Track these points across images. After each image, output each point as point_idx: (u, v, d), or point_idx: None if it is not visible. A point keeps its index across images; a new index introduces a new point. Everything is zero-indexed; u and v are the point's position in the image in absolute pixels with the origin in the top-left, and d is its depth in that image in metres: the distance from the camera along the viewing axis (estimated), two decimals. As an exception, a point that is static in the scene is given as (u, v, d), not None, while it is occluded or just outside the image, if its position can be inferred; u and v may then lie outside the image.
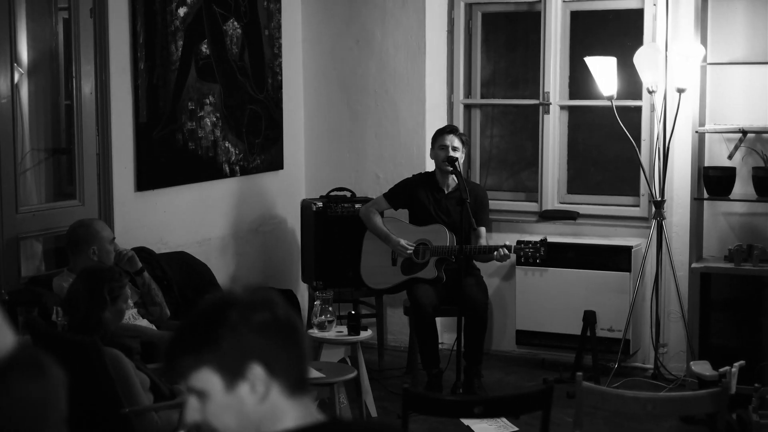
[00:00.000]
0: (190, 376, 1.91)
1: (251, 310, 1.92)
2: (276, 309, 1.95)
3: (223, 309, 1.93)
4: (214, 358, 1.89)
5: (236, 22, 6.77)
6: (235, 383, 1.90)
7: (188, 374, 1.91)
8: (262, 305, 1.95)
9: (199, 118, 6.48)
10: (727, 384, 3.99)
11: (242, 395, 1.90)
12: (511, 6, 7.35)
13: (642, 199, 6.91)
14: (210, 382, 1.90)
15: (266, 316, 1.93)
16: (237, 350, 1.90)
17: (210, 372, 1.90)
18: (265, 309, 1.94)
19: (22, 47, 5.59)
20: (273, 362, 1.91)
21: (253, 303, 1.94)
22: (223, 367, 1.89)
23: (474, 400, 4.04)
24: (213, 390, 1.90)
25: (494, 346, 7.18)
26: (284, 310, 1.96)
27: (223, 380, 1.90)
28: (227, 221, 6.92)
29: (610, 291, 6.60)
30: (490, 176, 7.57)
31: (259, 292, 1.97)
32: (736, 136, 6.42)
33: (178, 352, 1.93)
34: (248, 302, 1.94)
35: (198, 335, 1.92)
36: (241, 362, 1.89)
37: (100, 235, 5.27)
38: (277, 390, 1.92)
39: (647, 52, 6.48)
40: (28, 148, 5.71)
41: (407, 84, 7.31)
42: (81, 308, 4.36)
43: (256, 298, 1.96)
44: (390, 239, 6.41)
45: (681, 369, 6.59)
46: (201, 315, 1.95)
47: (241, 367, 1.89)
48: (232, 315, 1.91)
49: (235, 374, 1.89)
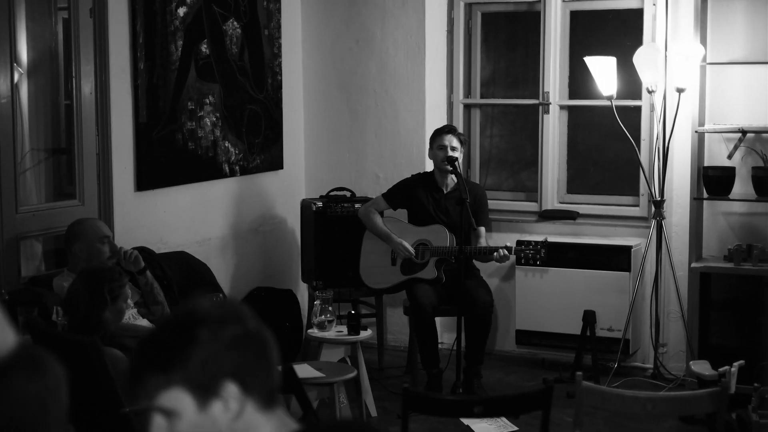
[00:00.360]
0: (158, 395, 1.82)
1: (222, 325, 1.84)
2: (246, 322, 1.88)
3: (193, 325, 1.84)
4: (185, 377, 1.80)
5: (236, 22, 6.77)
6: (208, 402, 1.81)
7: (156, 394, 1.82)
8: (232, 319, 1.86)
9: (199, 118, 6.48)
10: (727, 384, 3.99)
11: (215, 414, 1.82)
12: (510, 6, 7.35)
13: (642, 199, 6.91)
14: (181, 401, 1.81)
15: (237, 330, 1.85)
16: (209, 368, 1.81)
17: (181, 391, 1.81)
18: (236, 323, 1.86)
19: (21, 47, 5.59)
20: (246, 379, 1.83)
21: (223, 317, 1.86)
22: (194, 386, 1.81)
23: (474, 400, 4.05)
24: (184, 409, 1.81)
25: (494, 346, 7.18)
26: (254, 323, 1.88)
27: (194, 399, 1.81)
28: (227, 221, 6.92)
29: (610, 291, 6.60)
30: (489, 176, 7.57)
31: (228, 305, 1.89)
32: (735, 136, 6.43)
33: (145, 371, 1.83)
34: (218, 316, 1.86)
35: (167, 353, 1.82)
36: (214, 381, 1.81)
37: (87, 233, 5.26)
38: (251, 406, 1.84)
39: (647, 52, 6.48)
40: (28, 148, 5.71)
41: (407, 84, 7.31)
42: (81, 308, 4.37)
43: (225, 312, 1.87)
44: (391, 239, 6.42)
45: (680, 369, 6.59)
46: (169, 331, 1.86)
47: (215, 386, 1.81)
48: (203, 332, 1.83)
49: (207, 393, 1.81)
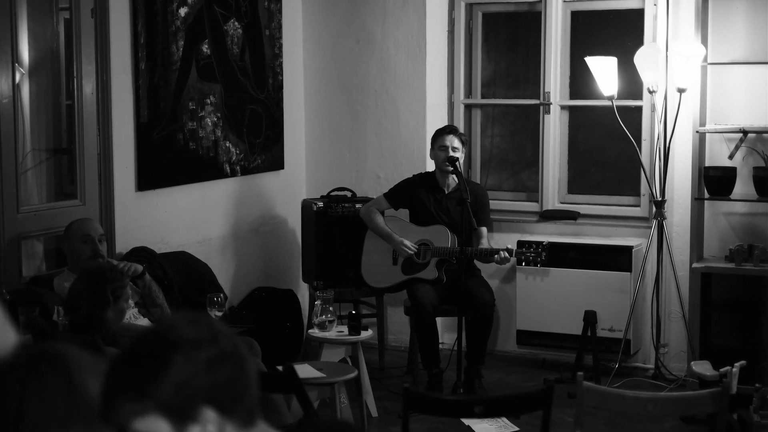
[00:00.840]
0: (133, 421, 1.75)
1: (196, 348, 1.77)
2: (220, 340, 1.81)
3: (165, 348, 1.77)
4: (161, 403, 1.74)
5: (237, 22, 6.78)
6: (186, 427, 1.75)
7: (132, 419, 1.75)
8: (206, 340, 1.79)
9: (200, 118, 6.48)
10: (728, 384, 3.98)
11: None
12: (511, 6, 7.35)
13: (642, 199, 6.91)
14: (157, 427, 1.75)
15: (212, 352, 1.78)
16: (184, 393, 1.75)
17: (156, 417, 1.75)
18: (210, 344, 1.79)
19: (23, 47, 5.59)
20: (224, 401, 1.77)
21: (197, 340, 1.79)
22: (170, 412, 1.74)
23: (474, 400, 4.05)
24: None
25: (495, 346, 7.18)
26: (229, 342, 1.82)
27: (171, 425, 1.75)
28: (228, 221, 6.92)
29: (611, 291, 6.60)
30: (490, 176, 7.57)
31: (202, 324, 1.82)
32: (736, 136, 6.43)
33: (120, 396, 1.77)
34: (192, 340, 1.78)
35: (141, 379, 1.76)
36: (190, 405, 1.75)
37: (72, 233, 5.29)
38: (230, 428, 1.79)
39: (648, 52, 6.48)
40: (29, 148, 5.71)
41: (408, 84, 7.32)
42: (83, 307, 4.37)
43: (199, 334, 1.80)
44: (393, 239, 6.42)
45: (682, 369, 6.59)
46: (142, 356, 1.79)
47: (191, 410, 1.75)
48: (177, 357, 1.76)
49: (184, 418, 1.75)
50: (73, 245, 5.27)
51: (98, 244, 5.29)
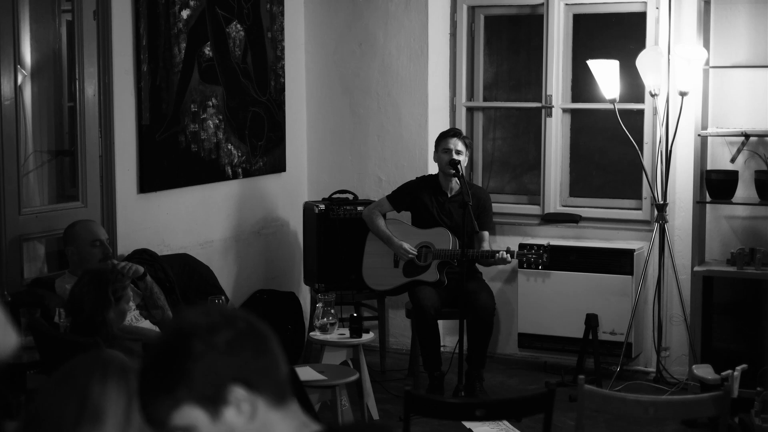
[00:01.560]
0: (170, 416, 1.82)
1: (213, 333, 1.84)
2: (237, 323, 1.87)
3: (184, 339, 1.84)
4: (191, 393, 1.81)
5: (239, 24, 6.78)
6: (220, 410, 1.81)
7: (169, 415, 1.82)
8: (222, 324, 1.86)
9: (202, 120, 6.48)
10: (729, 387, 3.98)
11: (230, 420, 1.82)
12: (513, 9, 7.35)
13: (644, 203, 6.90)
14: (194, 416, 1.81)
15: (230, 333, 1.84)
16: (211, 378, 1.81)
17: (190, 407, 1.81)
18: (227, 327, 1.85)
19: (25, 49, 5.60)
20: (250, 377, 1.83)
21: (212, 325, 1.85)
22: (202, 399, 1.81)
23: (476, 403, 4.04)
24: (199, 424, 1.81)
25: (496, 349, 7.18)
26: (245, 322, 1.88)
27: (206, 411, 1.81)
28: (229, 223, 6.92)
29: (612, 294, 6.60)
30: (492, 179, 7.57)
31: (214, 311, 1.89)
32: (738, 140, 6.43)
33: (152, 394, 1.84)
34: (208, 326, 1.85)
35: (167, 372, 1.83)
36: (220, 388, 1.81)
37: (79, 236, 5.26)
38: (263, 404, 1.84)
39: (650, 55, 6.48)
40: (31, 150, 5.72)
41: (410, 87, 7.32)
42: (86, 308, 4.37)
43: (213, 319, 1.86)
44: (392, 242, 6.42)
45: (683, 372, 6.59)
46: (163, 352, 1.85)
47: (221, 393, 1.81)
48: (196, 344, 1.82)
49: (216, 402, 1.81)
50: (82, 248, 5.25)
51: (108, 246, 5.31)
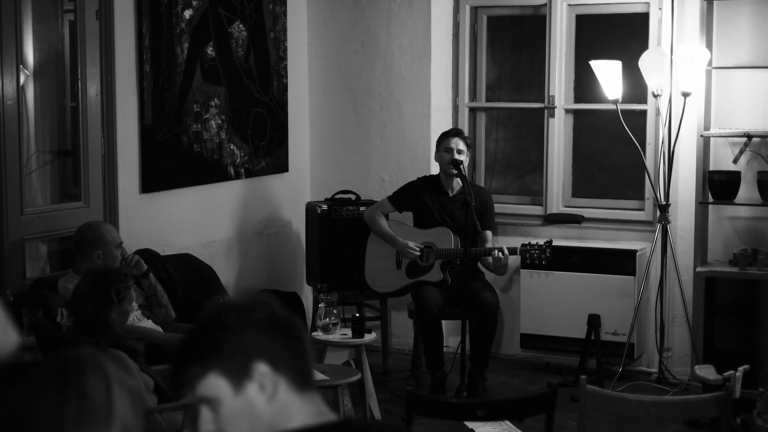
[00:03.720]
0: (197, 385, 1.92)
1: (248, 311, 1.95)
2: (273, 308, 1.97)
3: (220, 314, 1.95)
4: (218, 363, 1.91)
5: (242, 24, 6.78)
6: (243, 384, 1.90)
7: (196, 383, 1.92)
8: (258, 306, 1.97)
9: (205, 120, 6.48)
10: (731, 388, 3.99)
11: (251, 396, 1.91)
12: (516, 9, 7.35)
13: (647, 203, 6.90)
14: (218, 387, 1.91)
15: (264, 314, 1.95)
16: (239, 351, 1.91)
17: (216, 377, 1.91)
18: (262, 309, 1.96)
19: (28, 49, 5.60)
20: (276, 358, 1.92)
21: (249, 305, 1.97)
22: (228, 370, 1.90)
23: (478, 403, 4.05)
24: (222, 395, 1.91)
25: (499, 349, 7.18)
26: (281, 310, 1.98)
27: (230, 383, 1.91)
28: (232, 224, 6.92)
29: (615, 295, 6.60)
30: (495, 179, 7.57)
31: (255, 296, 2.03)
32: (741, 140, 6.42)
33: (182, 363, 1.94)
34: (244, 305, 1.97)
35: (199, 343, 1.94)
36: (246, 362, 1.91)
37: (107, 239, 5.26)
38: (284, 386, 1.92)
39: (652, 56, 6.48)
40: (34, 150, 5.72)
41: (412, 87, 7.32)
42: (88, 309, 4.37)
43: (252, 301, 1.99)
44: (396, 241, 6.42)
45: (685, 373, 6.58)
46: (200, 323, 1.97)
47: (247, 367, 1.90)
48: (230, 317, 1.93)
49: (241, 375, 1.90)
50: (108, 251, 5.25)
51: (125, 249, 5.34)
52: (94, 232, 5.27)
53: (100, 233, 5.26)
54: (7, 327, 2.41)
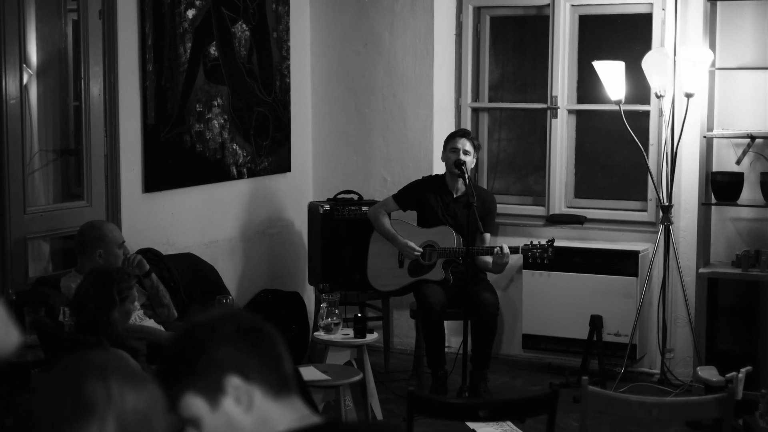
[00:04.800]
0: (178, 406, 1.94)
1: (215, 327, 1.96)
2: (240, 319, 1.99)
3: (188, 333, 1.98)
4: (193, 383, 1.93)
5: (244, 24, 6.78)
6: (218, 400, 1.92)
7: (177, 405, 1.94)
8: (225, 319, 1.98)
9: (207, 120, 6.49)
10: (734, 389, 3.97)
11: (228, 410, 1.92)
12: (519, 10, 7.35)
13: (649, 204, 6.90)
14: (196, 406, 1.93)
15: (230, 327, 1.96)
16: (209, 367, 1.93)
17: (193, 397, 1.93)
18: (229, 321, 1.97)
19: (31, 48, 5.61)
20: (247, 369, 1.93)
21: (215, 319, 1.98)
22: (202, 389, 1.93)
23: (479, 404, 4.04)
24: (201, 413, 1.93)
25: (501, 350, 7.18)
26: (249, 319, 1.99)
27: (206, 401, 1.93)
28: (234, 223, 6.92)
29: (617, 295, 6.59)
30: (497, 180, 7.57)
31: (222, 309, 2.05)
32: (744, 142, 6.42)
33: (164, 387, 1.94)
34: (211, 320, 1.99)
35: (172, 365, 1.96)
36: (218, 378, 1.92)
37: (108, 238, 5.26)
38: (259, 395, 1.94)
39: (655, 57, 6.48)
40: (37, 149, 5.72)
41: (415, 87, 7.31)
42: (90, 308, 4.38)
43: (218, 314, 2.00)
44: (397, 240, 6.42)
45: (688, 374, 6.58)
46: (172, 345, 2.00)
47: (219, 383, 1.92)
48: (198, 335, 1.96)
49: (215, 391, 1.92)
50: (110, 250, 5.25)
51: (127, 248, 5.34)
52: (96, 231, 5.26)
53: (101, 232, 5.26)
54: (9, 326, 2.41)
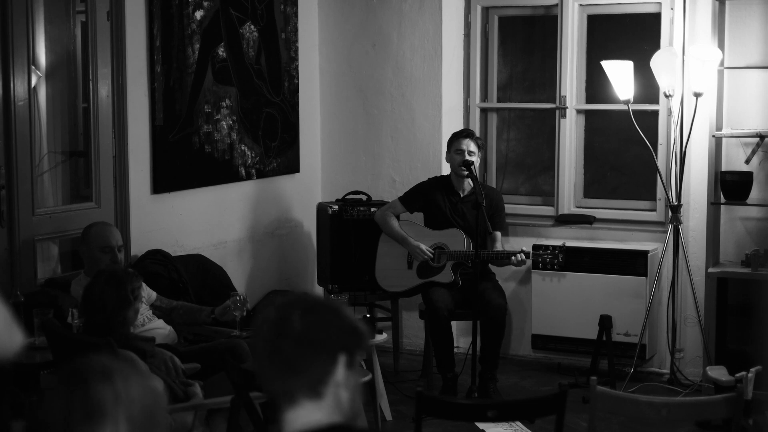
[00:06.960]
0: (332, 375, 2.17)
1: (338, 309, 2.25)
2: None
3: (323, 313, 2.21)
4: (343, 348, 2.20)
5: (253, 25, 6.79)
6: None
7: (330, 376, 2.17)
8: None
9: (216, 121, 6.49)
10: (743, 389, 3.96)
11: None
12: (527, 10, 7.34)
13: (659, 204, 6.89)
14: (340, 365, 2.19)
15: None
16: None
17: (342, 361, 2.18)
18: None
19: (39, 50, 5.62)
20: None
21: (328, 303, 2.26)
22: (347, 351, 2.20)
23: (488, 404, 4.04)
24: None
25: (510, 350, 7.17)
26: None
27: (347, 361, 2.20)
28: (243, 224, 6.93)
29: (627, 295, 6.58)
30: (506, 180, 7.56)
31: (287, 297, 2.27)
32: (753, 141, 6.40)
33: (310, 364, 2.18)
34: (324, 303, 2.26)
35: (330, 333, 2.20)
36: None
37: (92, 239, 5.27)
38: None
39: (664, 56, 6.47)
40: (45, 151, 5.73)
41: (423, 87, 7.31)
42: (107, 308, 4.40)
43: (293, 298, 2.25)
44: (408, 242, 6.42)
45: (697, 374, 6.57)
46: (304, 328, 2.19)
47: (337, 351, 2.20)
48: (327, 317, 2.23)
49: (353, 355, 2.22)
50: (92, 253, 5.27)
51: (117, 254, 5.30)
52: (87, 230, 5.34)
53: (89, 232, 5.33)
54: (13, 327, 2.41)
